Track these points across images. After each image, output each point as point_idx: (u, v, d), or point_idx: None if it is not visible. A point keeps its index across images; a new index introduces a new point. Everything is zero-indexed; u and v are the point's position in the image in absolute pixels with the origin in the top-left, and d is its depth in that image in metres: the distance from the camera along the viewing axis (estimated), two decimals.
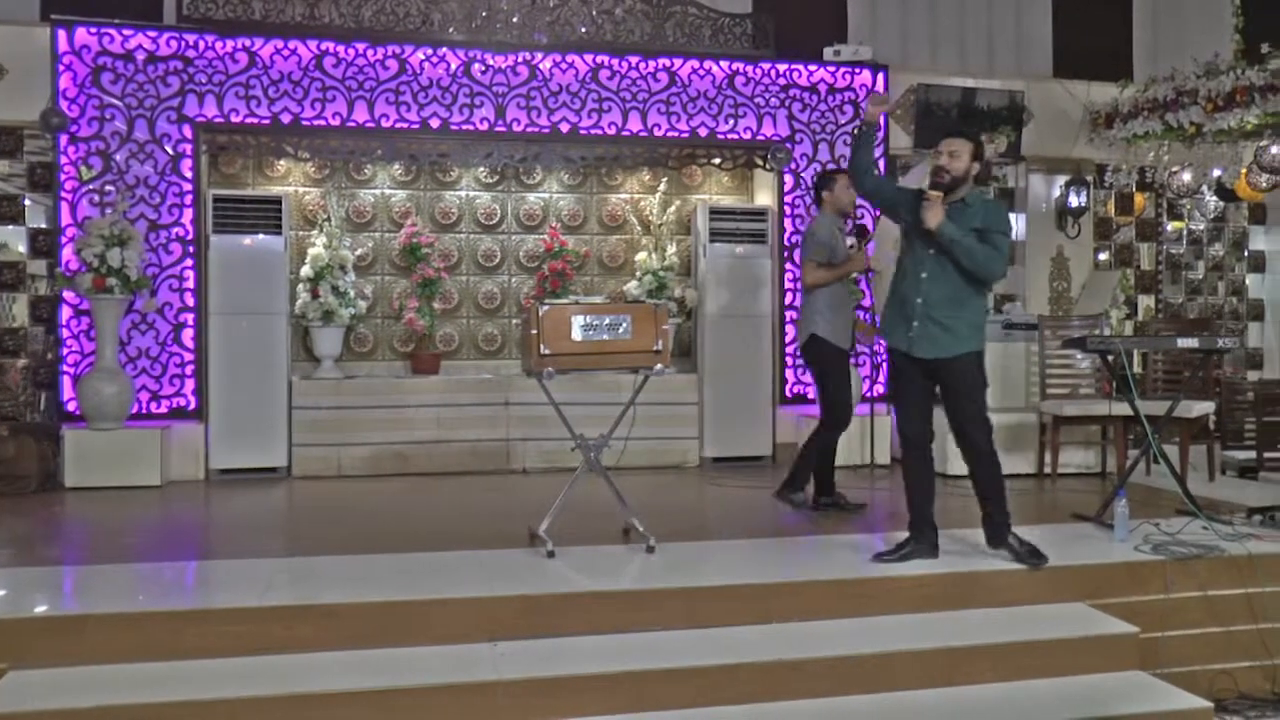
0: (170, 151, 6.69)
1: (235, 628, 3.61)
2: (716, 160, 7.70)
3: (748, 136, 7.49)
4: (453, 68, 7.05)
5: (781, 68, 7.53)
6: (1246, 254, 9.31)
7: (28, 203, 6.88)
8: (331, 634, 3.65)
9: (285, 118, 6.82)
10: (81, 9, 6.61)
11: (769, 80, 7.52)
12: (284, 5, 6.87)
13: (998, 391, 6.90)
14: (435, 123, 7.02)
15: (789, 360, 7.56)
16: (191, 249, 6.75)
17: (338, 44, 6.87)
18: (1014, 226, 8.41)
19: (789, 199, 7.59)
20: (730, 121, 7.45)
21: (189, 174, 6.73)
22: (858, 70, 7.66)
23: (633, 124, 7.29)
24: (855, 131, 5.12)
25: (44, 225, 6.85)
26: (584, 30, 7.28)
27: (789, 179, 7.58)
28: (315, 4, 6.91)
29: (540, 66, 7.16)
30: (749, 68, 7.47)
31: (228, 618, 3.65)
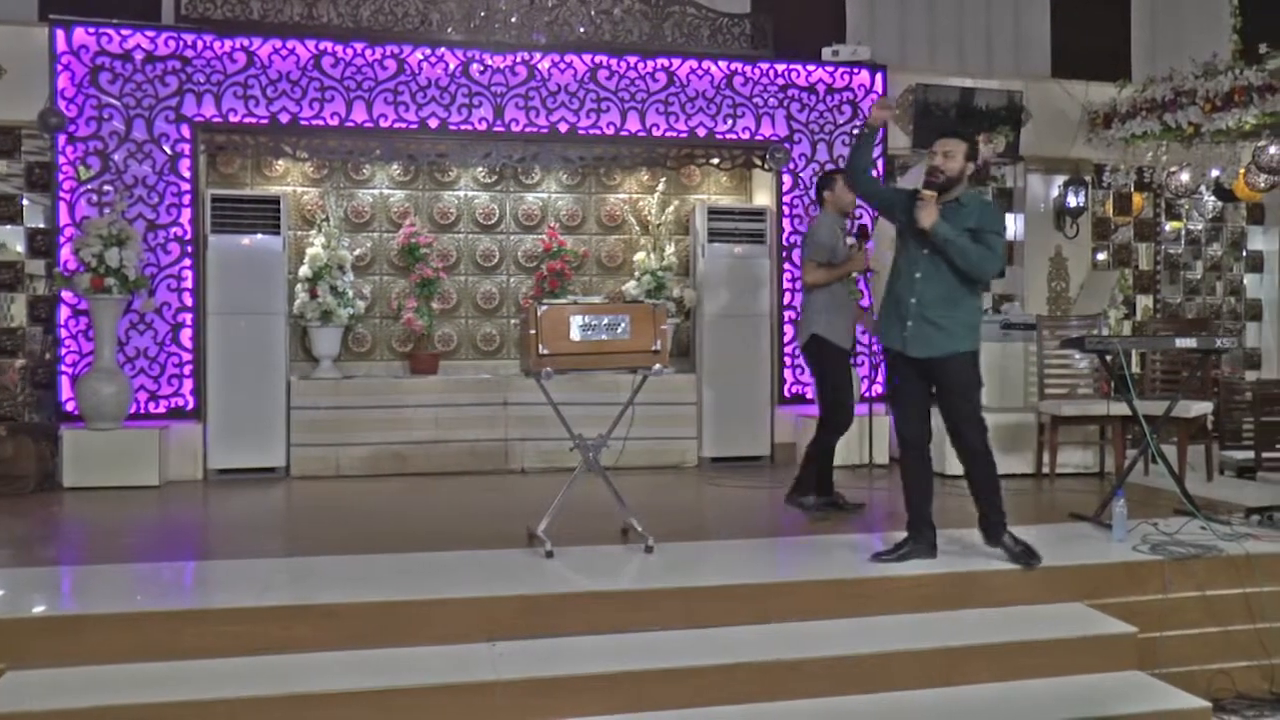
0: (168, 151, 6.69)
1: (234, 628, 3.61)
2: (715, 160, 7.70)
3: (746, 136, 7.49)
4: (451, 67, 7.05)
5: (780, 68, 7.54)
6: (1245, 254, 9.32)
7: (26, 202, 6.88)
8: (330, 634, 3.66)
9: (283, 117, 6.82)
10: (80, 9, 6.60)
11: (767, 80, 7.52)
12: (282, 5, 6.86)
13: (996, 392, 6.93)
14: (434, 123, 7.02)
15: (787, 360, 7.56)
16: (190, 249, 6.75)
17: (336, 44, 6.87)
18: (1012, 226, 8.44)
19: (787, 199, 7.59)
20: (729, 121, 7.45)
21: (187, 174, 6.72)
22: (856, 70, 7.66)
23: (631, 124, 7.29)
24: (856, 133, 5.13)
25: (42, 225, 6.85)
26: (582, 30, 7.28)
27: (787, 179, 7.58)
28: (313, 4, 6.91)
29: (539, 66, 7.16)
30: (747, 68, 7.47)
31: (226, 618, 3.65)
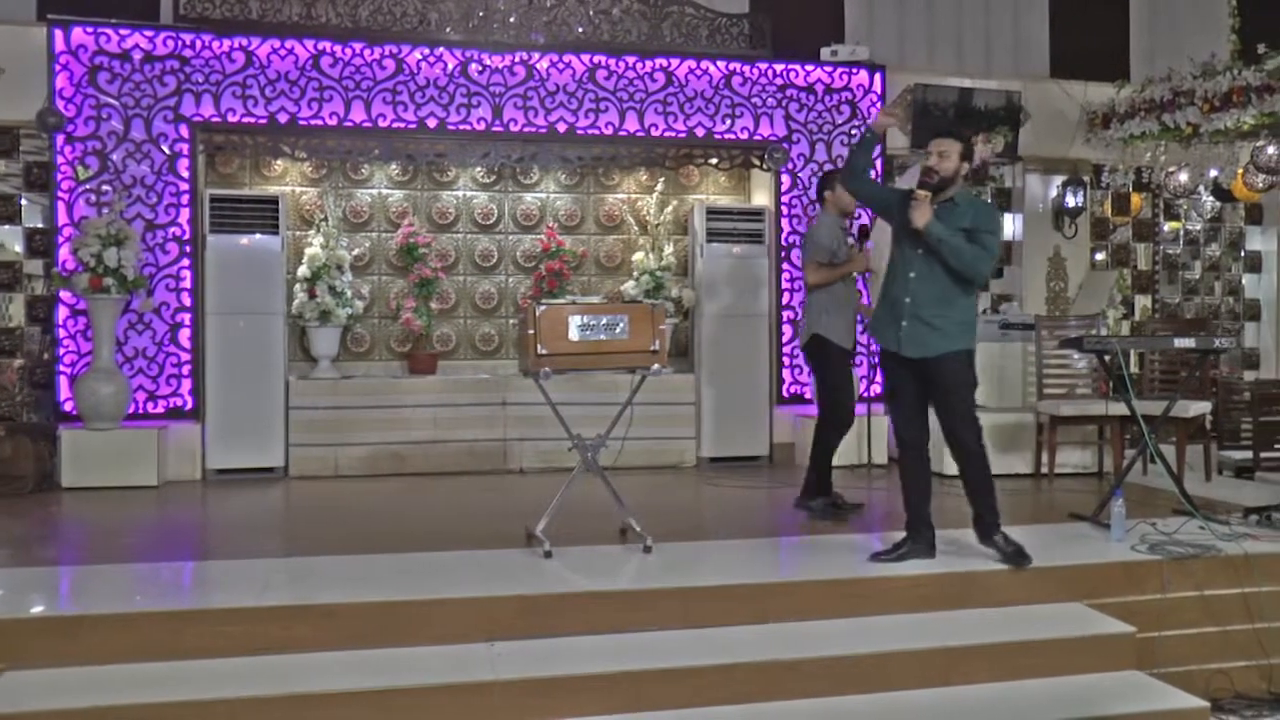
0: (167, 151, 6.69)
1: (233, 628, 3.61)
2: (713, 160, 7.70)
3: (745, 136, 7.49)
4: (450, 67, 7.05)
5: (778, 68, 7.54)
6: (1243, 254, 9.32)
7: (24, 202, 6.87)
8: (329, 634, 3.66)
9: (282, 117, 6.82)
10: (78, 8, 6.60)
11: (766, 80, 7.52)
12: (281, 5, 6.86)
13: (995, 391, 6.93)
14: (432, 122, 7.02)
15: (786, 360, 7.57)
16: (188, 249, 6.75)
17: (335, 43, 6.87)
18: (1011, 226, 8.45)
19: (786, 199, 7.60)
20: (727, 121, 7.45)
21: (186, 174, 6.72)
22: (855, 70, 7.66)
23: (630, 124, 7.29)
24: (858, 136, 5.13)
25: (40, 225, 6.84)
26: (581, 30, 7.28)
27: (786, 179, 7.58)
28: (312, 3, 6.91)
29: (537, 66, 7.16)
30: (746, 68, 7.48)
31: (225, 618, 3.65)
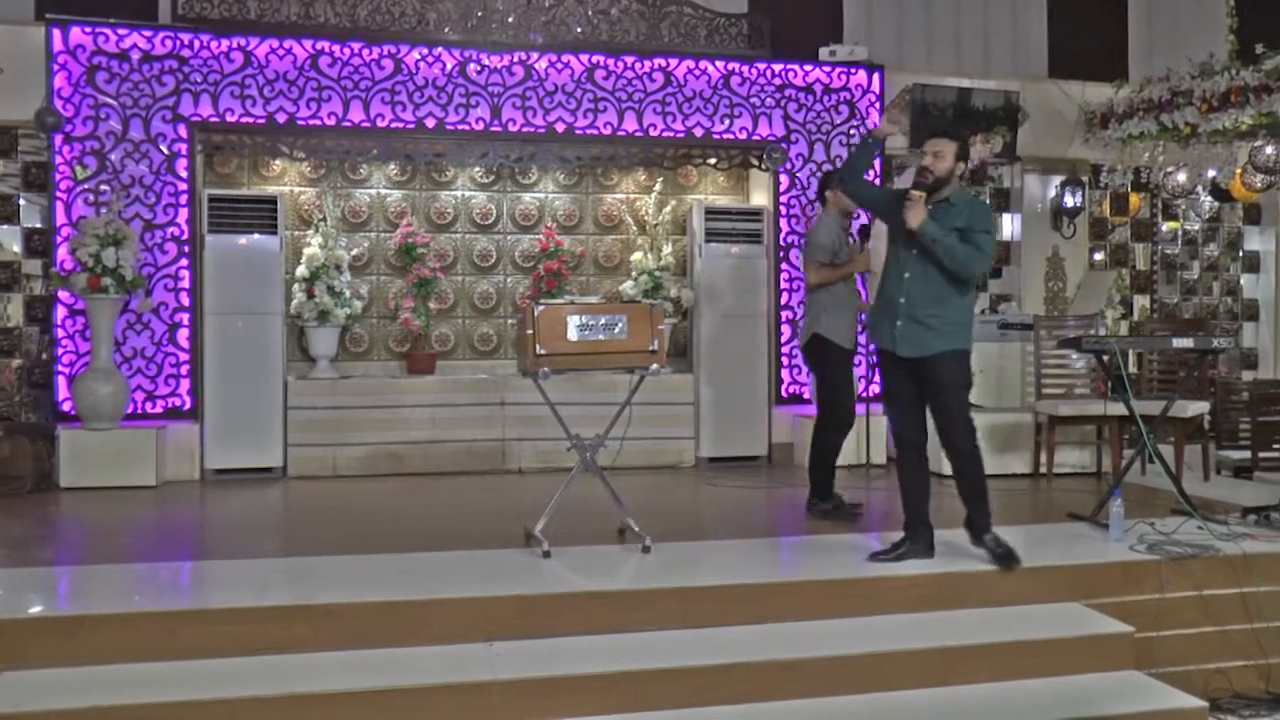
0: (165, 151, 6.68)
1: (232, 628, 3.61)
2: (712, 160, 7.70)
3: (743, 136, 7.49)
4: (448, 67, 7.04)
5: (777, 68, 7.53)
6: (1241, 254, 9.32)
7: (22, 202, 6.86)
8: (328, 634, 3.66)
9: (280, 117, 6.81)
10: (76, 8, 6.59)
11: (764, 80, 7.52)
12: (279, 4, 6.86)
13: (993, 391, 6.94)
14: (431, 122, 7.02)
15: (785, 360, 7.57)
16: (187, 249, 6.74)
17: (333, 43, 6.86)
18: (1009, 227, 8.46)
19: (784, 199, 7.59)
20: (726, 121, 7.45)
21: (184, 173, 6.72)
22: (853, 70, 7.66)
23: (628, 124, 7.29)
24: (856, 134, 5.14)
25: (39, 225, 6.83)
26: (579, 30, 7.28)
27: (784, 179, 7.58)
28: (310, 3, 6.91)
29: (536, 66, 7.16)
30: (744, 68, 7.48)
31: (224, 618, 3.65)
